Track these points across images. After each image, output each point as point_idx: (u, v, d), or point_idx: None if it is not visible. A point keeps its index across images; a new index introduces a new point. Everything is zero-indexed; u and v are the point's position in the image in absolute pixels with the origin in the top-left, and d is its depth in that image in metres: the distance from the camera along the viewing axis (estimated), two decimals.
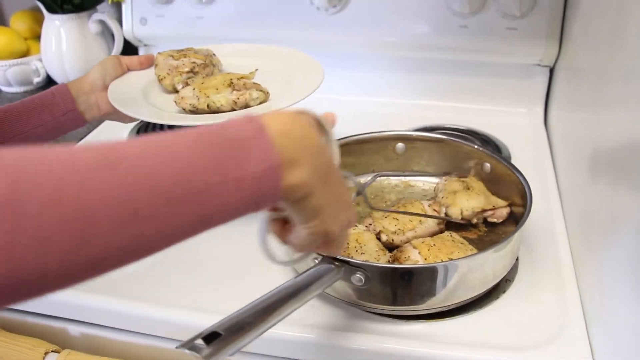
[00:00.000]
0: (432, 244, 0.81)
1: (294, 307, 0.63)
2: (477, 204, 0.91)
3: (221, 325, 0.55)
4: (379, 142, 1.04)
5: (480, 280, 0.77)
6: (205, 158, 0.42)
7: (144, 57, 1.04)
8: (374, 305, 0.77)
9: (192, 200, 0.41)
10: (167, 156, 0.41)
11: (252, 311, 0.59)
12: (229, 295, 0.84)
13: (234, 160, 0.42)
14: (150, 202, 0.39)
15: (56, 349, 0.82)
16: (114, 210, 0.37)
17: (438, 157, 1.03)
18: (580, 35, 1.08)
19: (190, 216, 0.41)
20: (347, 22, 1.30)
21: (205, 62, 1.01)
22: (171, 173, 0.40)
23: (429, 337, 0.76)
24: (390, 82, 1.37)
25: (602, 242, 0.75)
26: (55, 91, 0.93)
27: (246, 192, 0.43)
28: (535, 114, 1.30)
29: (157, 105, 0.97)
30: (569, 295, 0.81)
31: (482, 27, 1.24)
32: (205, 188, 0.41)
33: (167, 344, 0.83)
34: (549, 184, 1.06)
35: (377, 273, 0.73)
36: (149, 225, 0.39)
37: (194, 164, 0.41)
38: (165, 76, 0.99)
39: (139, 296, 0.84)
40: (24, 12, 1.60)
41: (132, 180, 0.38)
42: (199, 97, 0.91)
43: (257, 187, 0.44)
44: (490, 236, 0.92)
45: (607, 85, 0.82)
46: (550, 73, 1.28)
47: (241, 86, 0.91)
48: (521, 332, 0.76)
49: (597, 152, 0.82)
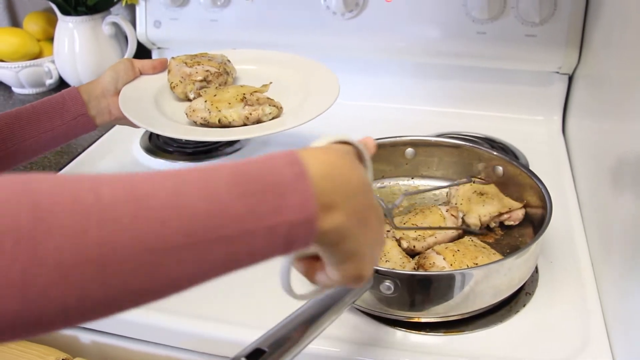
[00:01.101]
0: (455, 249, 0.80)
1: (331, 319, 0.62)
2: (493, 208, 0.91)
3: (264, 342, 0.54)
4: (389, 147, 1.03)
5: (507, 285, 0.77)
6: (241, 204, 0.40)
7: (157, 61, 1.03)
8: (403, 313, 0.76)
9: (223, 244, 0.39)
10: (200, 197, 0.39)
11: (293, 325, 0.58)
12: (242, 305, 0.83)
13: (271, 206, 0.41)
14: (179, 244, 0.37)
15: (67, 357, 0.81)
16: (138, 250, 0.36)
17: (448, 162, 1.03)
18: (602, 42, 1.06)
19: (219, 259, 0.40)
20: (363, 27, 1.28)
21: (219, 71, 1.00)
22: (204, 216, 0.38)
23: (449, 351, 0.74)
24: (406, 89, 1.35)
25: (624, 255, 0.74)
26: (66, 95, 0.92)
27: (279, 238, 0.41)
28: (553, 122, 1.28)
29: (168, 114, 0.96)
30: (590, 308, 0.80)
31: (501, 33, 1.22)
32: (238, 234, 0.40)
33: (179, 353, 0.82)
34: (567, 194, 1.04)
35: (407, 281, 0.72)
36: (176, 268, 0.38)
37: (229, 208, 0.39)
38: (178, 84, 0.98)
39: (150, 305, 0.82)
40: (37, 13, 1.60)
41: (160, 220, 0.37)
42: (210, 110, 0.90)
43: (290, 234, 0.42)
44: (506, 239, 0.91)
45: (631, 94, 0.80)
46: (569, 81, 1.27)
47: (254, 101, 0.90)
48: (542, 347, 0.74)
49: (620, 162, 0.81)
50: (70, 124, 0.92)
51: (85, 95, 0.93)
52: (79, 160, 1.20)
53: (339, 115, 1.32)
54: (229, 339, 0.78)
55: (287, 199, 0.41)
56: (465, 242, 0.84)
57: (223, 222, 0.39)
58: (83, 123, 0.93)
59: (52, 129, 0.90)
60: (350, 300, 0.66)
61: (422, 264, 0.80)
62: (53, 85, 1.56)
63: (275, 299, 0.84)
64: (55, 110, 0.91)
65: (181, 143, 1.24)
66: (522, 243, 0.90)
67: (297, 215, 0.41)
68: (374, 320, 0.79)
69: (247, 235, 0.40)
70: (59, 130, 0.91)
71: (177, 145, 1.23)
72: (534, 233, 0.90)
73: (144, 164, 1.20)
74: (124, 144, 1.26)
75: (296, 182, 0.42)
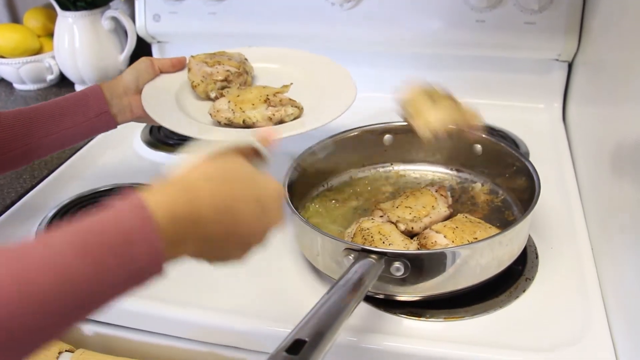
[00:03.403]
0: (454, 226, 0.82)
1: (356, 304, 0.63)
2: (446, 115, 0.89)
3: (301, 332, 0.54)
4: (366, 135, 1.04)
5: (508, 255, 0.79)
6: (87, 265, 0.42)
7: (176, 59, 1.03)
8: (414, 293, 0.77)
9: (84, 303, 0.42)
10: (46, 271, 0.41)
11: (325, 313, 0.59)
12: (244, 294, 0.83)
13: (120, 259, 0.43)
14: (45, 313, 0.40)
15: (70, 349, 0.81)
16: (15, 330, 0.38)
17: (427, 146, 1.03)
18: (601, 29, 1.06)
19: (89, 308, 0.43)
20: (362, 18, 1.28)
21: (239, 71, 1.01)
22: (55, 291, 0.40)
23: (449, 337, 0.75)
24: (406, 78, 1.35)
25: (625, 240, 0.74)
26: (88, 92, 0.93)
27: (133, 279, 0.45)
28: (553, 109, 1.28)
29: (190, 113, 0.96)
30: (590, 294, 0.80)
31: (500, 21, 1.22)
32: (92, 292, 0.42)
33: (182, 343, 0.82)
34: (567, 180, 1.04)
35: (418, 260, 0.73)
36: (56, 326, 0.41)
37: (76, 274, 0.41)
38: (199, 83, 0.99)
39: (153, 295, 0.82)
40: (37, 9, 1.60)
41: (21, 297, 0.39)
42: (234, 110, 0.91)
43: (141, 274, 0.46)
44: (495, 214, 0.94)
45: (630, 80, 0.80)
46: (569, 68, 1.26)
47: (277, 102, 0.92)
48: (542, 333, 0.75)
49: (620, 148, 0.81)
50: (92, 121, 0.92)
51: (108, 93, 0.93)
52: (80, 155, 1.21)
53: None
54: (231, 328, 0.79)
55: (134, 248, 0.44)
56: (460, 219, 0.85)
57: (74, 288, 0.41)
58: (105, 121, 0.93)
59: (75, 125, 0.91)
60: (369, 283, 0.68)
61: (424, 244, 0.81)
62: (54, 81, 1.57)
63: (278, 289, 0.85)
64: (78, 107, 0.91)
65: (182, 136, 1.24)
66: (509, 216, 0.93)
67: (145, 261, 0.45)
68: (374, 307, 0.79)
69: (101, 291, 0.43)
70: (81, 128, 0.91)
71: (177, 138, 1.23)
72: (523, 209, 0.91)
73: (146, 157, 1.21)
74: (125, 137, 1.27)
75: (142, 229, 0.44)
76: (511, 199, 0.96)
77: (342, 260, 0.74)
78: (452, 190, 1.00)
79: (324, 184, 1.03)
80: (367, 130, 1.04)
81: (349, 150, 1.03)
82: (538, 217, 0.93)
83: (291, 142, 0.99)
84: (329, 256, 0.79)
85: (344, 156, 1.03)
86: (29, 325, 0.39)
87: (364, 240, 0.81)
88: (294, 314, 0.61)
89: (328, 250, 0.79)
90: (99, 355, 0.80)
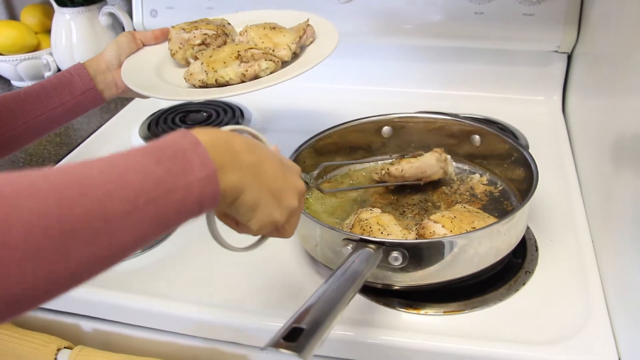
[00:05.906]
0: (452, 216, 0.82)
1: (354, 293, 0.64)
2: (292, 35, 0.94)
3: (299, 320, 0.54)
4: (365, 128, 1.04)
5: (506, 244, 0.79)
6: (160, 169, 0.47)
7: (159, 30, 1.03)
8: (412, 282, 0.76)
9: (153, 205, 0.46)
10: (127, 170, 0.46)
11: (322, 301, 0.59)
12: (243, 291, 0.83)
13: (181, 168, 0.48)
14: (122, 211, 0.43)
15: (69, 345, 0.81)
16: (91, 222, 0.41)
17: (426, 138, 1.04)
18: (600, 20, 1.05)
19: (153, 219, 0.46)
20: (359, 10, 1.28)
21: (217, 33, 0.99)
22: (135, 184, 0.45)
23: (449, 330, 0.74)
24: (404, 72, 1.35)
25: (625, 232, 0.73)
26: (73, 71, 0.93)
27: (194, 195, 0.49)
28: (553, 101, 1.28)
29: (170, 81, 0.95)
30: (591, 286, 0.80)
31: (498, 13, 1.21)
32: (162, 194, 0.46)
33: (180, 339, 0.82)
34: (568, 172, 1.04)
35: (416, 249, 0.73)
36: (123, 233, 0.44)
37: (151, 174, 0.47)
38: (177, 50, 0.98)
39: (151, 292, 0.83)
40: (34, 6, 1.59)
41: (102, 193, 0.43)
42: (207, 71, 0.89)
43: (202, 191, 0.49)
44: (493, 204, 0.94)
45: (630, 71, 0.80)
46: (568, 60, 1.26)
47: (249, 57, 0.89)
48: (542, 325, 0.74)
49: (620, 139, 0.80)
50: (79, 99, 0.93)
51: (91, 70, 0.94)
52: (78, 151, 1.20)
53: (338, 100, 1.32)
54: (230, 324, 0.78)
55: (191, 161, 0.49)
56: (458, 209, 0.85)
57: (149, 186, 0.46)
58: (92, 97, 0.94)
59: (62, 104, 0.91)
60: (367, 272, 0.68)
61: (422, 234, 0.81)
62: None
63: (277, 283, 0.85)
64: (63, 86, 0.92)
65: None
66: (508, 206, 0.93)
67: (202, 172, 0.49)
68: (373, 301, 0.79)
69: (169, 194, 0.47)
70: (68, 106, 0.92)
71: None
72: (521, 199, 0.91)
73: None
74: (123, 133, 1.27)
75: (193, 148, 0.50)
76: (510, 189, 0.96)
77: (341, 250, 0.74)
78: (450, 181, 1.00)
79: (323, 175, 1.02)
80: (365, 122, 1.03)
81: (348, 142, 1.03)
82: (538, 210, 0.93)
83: (290, 134, 0.99)
84: (328, 247, 0.78)
85: (342, 148, 1.03)
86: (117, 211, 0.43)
87: (363, 231, 0.81)
88: (294, 308, 0.61)
89: (327, 240, 0.78)
90: (97, 351, 0.80)
